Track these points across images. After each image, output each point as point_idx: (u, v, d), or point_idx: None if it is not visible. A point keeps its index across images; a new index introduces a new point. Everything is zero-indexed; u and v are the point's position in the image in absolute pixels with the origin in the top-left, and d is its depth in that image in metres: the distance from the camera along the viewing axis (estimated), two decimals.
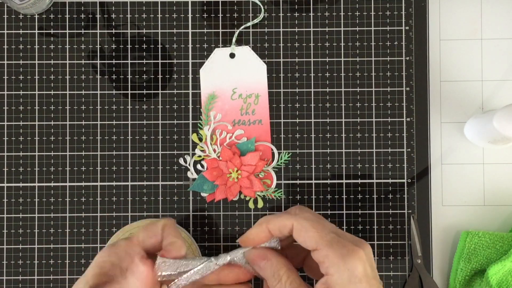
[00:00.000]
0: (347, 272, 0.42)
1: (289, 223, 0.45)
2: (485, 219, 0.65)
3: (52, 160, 0.65)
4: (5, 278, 0.64)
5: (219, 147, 0.64)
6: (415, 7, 0.66)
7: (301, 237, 0.45)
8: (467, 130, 0.65)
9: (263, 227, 0.46)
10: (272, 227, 0.46)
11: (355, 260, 0.43)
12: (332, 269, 0.43)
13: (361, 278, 0.43)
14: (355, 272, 0.42)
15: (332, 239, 0.44)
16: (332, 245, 0.43)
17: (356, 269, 0.43)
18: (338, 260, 0.43)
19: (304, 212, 0.46)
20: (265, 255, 0.46)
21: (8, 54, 0.66)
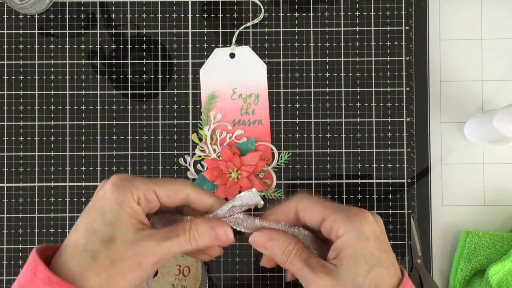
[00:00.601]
0: (354, 231, 0.43)
1: (292, 207, 0.46)
2: (485, 219, 0.65)
3: (52, 160, 0.65)
4: (5, 278, 0.64)
5: (219, 147, 0.64)
6: (415, 7, 0.66)
7: (307, 214, 0.45)
8: (467, 130, 0.65)
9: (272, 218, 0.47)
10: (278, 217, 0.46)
11: (362, 220, 0.43)
12: (340, 230, 0.43)
13: (369, 237, 0.43)
14: (362, 230, 0.43)
15: (336, 206, 0.45)
16: (337, 210, 0.44)
17: (363, 227, 0.43)
18: (345, 222, 0.43)
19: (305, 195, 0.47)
20: (270, 235, 0.46)
21: (8, 54, 0.66)
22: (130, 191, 0.43)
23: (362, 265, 0.42)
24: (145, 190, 0.44)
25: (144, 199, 0.44)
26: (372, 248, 0.43)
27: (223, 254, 0.64)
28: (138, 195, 0.43)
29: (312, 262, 0.44)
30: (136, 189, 0.43)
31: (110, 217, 0.42)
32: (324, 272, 0.43)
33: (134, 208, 0.43)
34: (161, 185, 0.44)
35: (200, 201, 0.46)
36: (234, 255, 0.65)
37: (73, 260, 0.42)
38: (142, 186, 0.44)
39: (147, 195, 0.44)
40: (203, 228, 0.45)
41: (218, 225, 0.45)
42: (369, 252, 0.43)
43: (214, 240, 0.45)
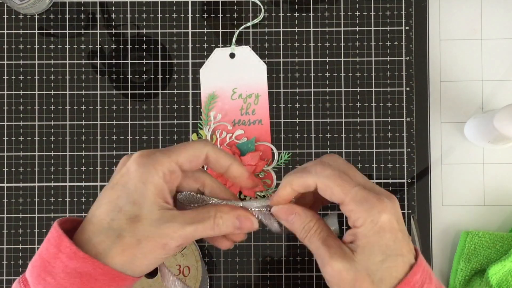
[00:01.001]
0: (371, 224, 0.43)
1: (312, 182, 0.45)
2: (485, 219, 0.65)
3: (52, 160, 0.65)
4: (5, 278, 0.64)
5: (219, 147, 0.64)
6: (415, 7, 0.66)
7: (326, 195, 0.45)
8: (467, 130, 0.65)
9: (287, 189, 0.46)
10: (297, 187, 0.46)
11: (380, 212, 0.43)
12: (358, 222, 0.43)
13: (385, 228, 0.43)
14: (380, 223, 0.43)
15: (356, 194, 0.44)
16: (356, 200, 0.44)
17: (380, 220, 0.43)
18: (363, 213, 0.43)
19: (326, 168, 0.46)
20: (293, 210, 0.46)
21: (8, 54, 0.66)
22: (154, 168, 0.43)
23: (377, 255, 0.43)
24: (169, 163, 0.43)
25: (169, 173, 0.43)
26: (388, 239, 0.43)
27: (223, 254, 0.64)
28: (162, 170, 0.43)
29: (330, 243, 0.44)
30: (160, 165, 0.43)
31: (135, 195, 0.42)
32: (340, 255, 0.43)
33: (159, 186, 0.43)
34: (182, 153, 0.44)
35: (218, 162, 0.46)
36: (234, 255, 0.65)
37: (98, 237, 0.42)
38: (166, 161, 0.43)
39: (171, 168, 0.43)
40: (228, 216, 0.45)
41: (243, 215, 0.46)
42: (385, 243, 0.43)
43: (237, 229, 0.45)
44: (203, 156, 0.45)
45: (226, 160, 0.46)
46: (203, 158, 0.45)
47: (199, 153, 0.45)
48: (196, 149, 0.45)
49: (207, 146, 0.45)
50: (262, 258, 0.65)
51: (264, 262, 0.65)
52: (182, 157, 0.44)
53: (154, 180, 0.43)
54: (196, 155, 0.45)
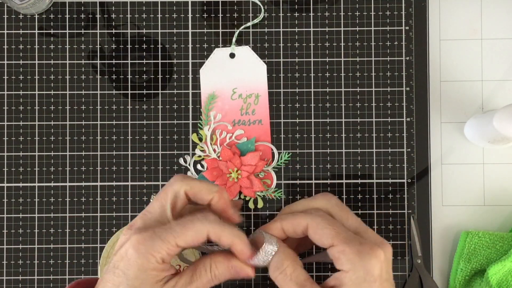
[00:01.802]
0: (362, 270, 0.42)
1: (303, 222, 0.45)
2: (485, 219, 0.65)
3: (52, 160, 0.65)
4: (5, 278, 0.64)
5: (219, 147, 0.64)
6: (415, 7, 0.66)
7: (316, 235, 0.44)
8: (467, 130, 0.65)
9: (277, 225, 0.46)
10: (286, 226, 0.46)
11: (372, 259, 0.42)
12: (348, 265, 0.42)
13: (376, 278, 0.42)
14: (371, 271, 0.42)
15: (349, 236, 0.43)
16: (350, 242, 0.43)
17: (372, 268, 0.42)
18: (355, 257, 0.42)
19: (318, 210, 0.45)
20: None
21: (8, 54, 0.66)
22: (152, 256, 0.43)
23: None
24: (167, 249, 0.43)
25: (168, 256, 0.44)
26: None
27: None
28: (161, 257, 0.43)
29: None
30: (158, 252, 0.43)
31: (135, 283, 0.43)
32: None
33: (158, 269, 0.43)
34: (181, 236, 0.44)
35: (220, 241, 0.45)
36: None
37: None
38: (164, 247, 0.43)
39: (170, 252, 0.44)
40: (223, 267, 0.45)
41: (238, 265, 0.46)
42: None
43: (235, 275, 0.46)
44: (203, 238, 0.45)
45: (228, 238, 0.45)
46: (203, 239, 0.45)
47: (199, 236, 0.44)
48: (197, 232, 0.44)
49: (207, 226, 0.44)
50: None
51: None
52: (181, 241, 0.44)
53: (153, 266, 0.43)
54: (196, 239, 0.44)
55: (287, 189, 0.65)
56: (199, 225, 0.44)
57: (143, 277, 0.43)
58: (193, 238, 0.44)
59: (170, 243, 0.43)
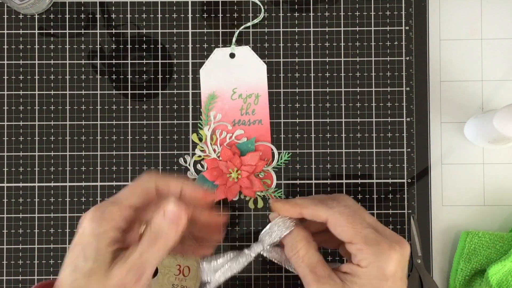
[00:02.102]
0: (377, 269, 0.43)
1: (323, 216, 0.45)
2: (485, 219, 0.65)
3: (52, 160, 0.65)
4: (5, 278, 0.64)
5: (219, 147, 0.64)
6: (415, 7, 0.66)
7: (336, 231, 0.45)
8: (467, 130, 0.65)
9: (297, 210, 0.46)
10: (306, 213, 0.46)
11: (389, 259, 0.43)
12: (364, 262, 0.43)
13: (388, 277, 0.43)
14: (385, 271, 0.43)
15: (367, 235, 0.44)
16: (367, 241, 0.43)
17: (387, 267, 0.43)
18: (371, 256, 0.43)
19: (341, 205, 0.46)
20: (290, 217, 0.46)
21: (8, 54, 0.66)
22: (105, 219, 0.43)
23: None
24: (119, 211, 0.43)
25: (123, 221, 0.43)
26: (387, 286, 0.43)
27: None
28: (114, 219, 0.43)
29: (319, 270, 0.44)
30: (109, 214, 0.43)
31: (89, 251, 0.42)
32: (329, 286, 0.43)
33: (112, 235, 0.43)
34: (129, 195, 0.44)
35: (169, 190, 0.45)
36: None
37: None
38: (115, 209, 0.43)
39: (123, 214, 0.43)
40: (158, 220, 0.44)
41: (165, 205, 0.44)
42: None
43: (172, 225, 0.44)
44: (152, 190, 0.45)
45: (176, 184, 0.45)
46: (153, 192, 0.45)
47: (146, 189, 0.45)
48: (143, 186, 0.45)
49: (152, 178, 0.45)
50: (262, 258, 0.65)
51: (264, 262, 0.65)
52: (131, 200, 0.44)
53: (106, 232, 0.43)
54: (144, 192, 0.44)
55: (287, 189, 0.65)
56: (147, 179, 0.45)
57: (95, 243, 0.42)
58: (141, 193, 0.44)
59: (121, 204, 0.44)
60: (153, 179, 0.45)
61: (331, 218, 0.45)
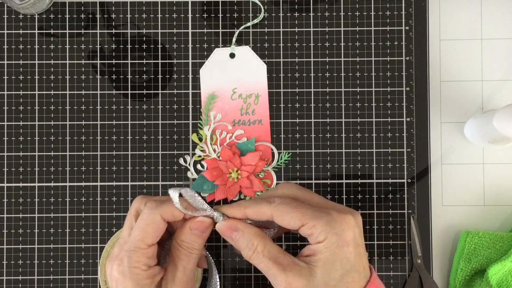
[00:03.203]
0: (335, 236, 0.43)
1: (267, 211, 0.45)
2: (485, 219, 0.65)
3: (52, 160, 0.65)
4: (5, 278, 0.64)
5: (219, 147, 0.64)
6: (415, 7, 0.66)
7: (284, 222, 0.45)
8: (467, 130, 0.65)
9: (241, 210, 0.47)
10: (250, 213, 0.46)
11: (343, 225, 0.43)
12: (321, 236, 0.43)
13: (349, 242, 0.43)
14: (343, 236, 0.43)
15: (315, 211, 0.44)
16: (317, 216, 0.44)
17: (343, 233, 0.43)
18: (325, 226, 0.43)
19: (282, 196, 0.46)
20: (235, 226, 0.46)
21: (8, 54, 0.66)
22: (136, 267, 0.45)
23: (338, 269, 0.43)
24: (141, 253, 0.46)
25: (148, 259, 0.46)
26: (349, 253, 0.43)
27: (223, 254, 0.64)
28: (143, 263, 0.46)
29: (282, 260, 0.44)
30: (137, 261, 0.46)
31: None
32: (296, 272, 0.43)
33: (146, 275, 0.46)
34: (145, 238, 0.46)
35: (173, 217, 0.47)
36: (234, 255, 0.65)
37: None
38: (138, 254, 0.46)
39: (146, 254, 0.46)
40: (187, 235, 0.47)
41: (191, 222, 0.48)
42: (346, 257, 0.43)
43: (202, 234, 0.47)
44: (161, 223, 0.47)
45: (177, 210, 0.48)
46: (163, 223, 0.47)
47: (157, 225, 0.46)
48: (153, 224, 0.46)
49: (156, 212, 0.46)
50: None
51: None
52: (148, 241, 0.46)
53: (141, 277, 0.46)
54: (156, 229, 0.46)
55: None
56: (152, 215, 0.46)
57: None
58: (153, 231, 0.46)
59: (140, 247, 0.45)
60: (157, 212, 0.47)
61: (275, 211, 0.45)
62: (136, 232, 0.46)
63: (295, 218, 0.44)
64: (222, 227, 0.47)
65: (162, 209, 0.47)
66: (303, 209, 0.44)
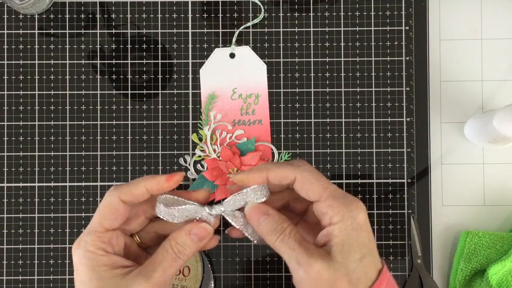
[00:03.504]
0: (350, 219, 0.43)
1: (291, 175, 0.45)
2: (485, 219, 0.65)
3: (52, 160, 0.65)
4: (5, 278, 0.64)
5: (219, 147, 0.64)
6: (415, 7, 0.66)
7: (304, 189, 0.45)
8: (467, 130, 0.65)
9: (263, 174, 0.46)
10: (273, 176, 0.45)
11: (358, 209, 0.43)
12: (336, 217, 0.43)
13: (363, 226, 0.43)
14: (358, 220, 0.43)
15: (335, 190, 0.44)
16: (335, 195, 0.44)
17: (359, 216, 0.43)
18: (342, 208, 0.43)
19: (306, 165, 0.46)
20: (266, 211, 0.46)
21: (8, 54, 0.66)
22: (89, 258, 0.44)
23: (356, 252, 0.43)
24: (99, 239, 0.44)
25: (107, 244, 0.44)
26: (364, 237, 0.43)
27: (223, 254, 0.64)
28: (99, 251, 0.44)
29: (306, 245, 0.44)
30: (90, 244, 0.44)
31: (94, 285, 0.43)
32: (318, 255, 0.43)
33: (105, 261, 0.44)
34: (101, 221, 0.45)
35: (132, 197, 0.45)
36: (234, 255, 0.65)
37: None
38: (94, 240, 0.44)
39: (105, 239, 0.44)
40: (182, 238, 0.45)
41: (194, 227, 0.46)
42: (362, 241, 0.43)
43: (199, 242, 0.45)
44: (118, 204, 0.45)
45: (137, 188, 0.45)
46: (121, 205, 0.45)
47: (112, 207, 0.45)
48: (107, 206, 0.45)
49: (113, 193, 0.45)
50: (262, 258, 0.65)
51: (264, 262, 0.65)
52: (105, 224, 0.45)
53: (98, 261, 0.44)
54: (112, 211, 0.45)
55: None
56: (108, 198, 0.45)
57: (94, 276, 0.43)
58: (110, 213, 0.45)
59: (96, 230, 0.44)
60: (115, 193, 0.45)
61: (300, 176, 0.44)
62: (95, 215, 0.45)
63: (316, 191, 0.44)
64: (253, 210, 0.46)
65: (120, 190, 0.45)
66: (325, 183, 0.44)
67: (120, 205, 0.45)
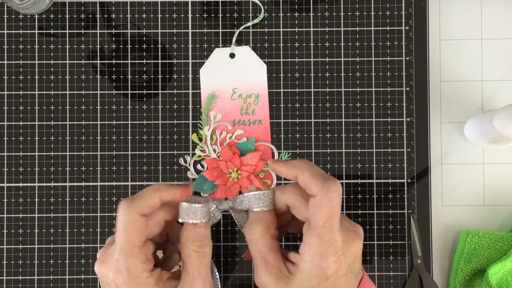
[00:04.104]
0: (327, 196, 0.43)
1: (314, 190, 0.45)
2: (485, 219, 0.65)
3: (52, 160, 0.65)
4: (5, 278, 0.64)
5: (219, 147, 0.64)
6: (415, 7, 0.66)
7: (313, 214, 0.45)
8: (467, 130, 0.65)
9: (293, 173, 0.46)
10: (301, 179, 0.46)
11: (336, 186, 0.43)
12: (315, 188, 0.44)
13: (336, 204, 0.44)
14: (333, 197, 0.43)
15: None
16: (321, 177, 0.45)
17: (333, 193, 0.43)
18: (321, 182, 0.44)
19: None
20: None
21: (8, 54, 0.66)
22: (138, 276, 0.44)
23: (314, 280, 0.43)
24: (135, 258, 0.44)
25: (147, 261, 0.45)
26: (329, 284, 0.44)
27: (223, 254, 0.64)
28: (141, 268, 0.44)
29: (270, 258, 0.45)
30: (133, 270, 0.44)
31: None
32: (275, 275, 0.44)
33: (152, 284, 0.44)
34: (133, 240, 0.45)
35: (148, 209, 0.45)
36: (234, 255, 0.65)
37: None
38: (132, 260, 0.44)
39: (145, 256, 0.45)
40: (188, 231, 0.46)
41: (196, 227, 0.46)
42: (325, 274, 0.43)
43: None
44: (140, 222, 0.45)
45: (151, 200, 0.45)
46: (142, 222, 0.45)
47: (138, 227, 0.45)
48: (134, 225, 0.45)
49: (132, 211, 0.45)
50: None
51: None
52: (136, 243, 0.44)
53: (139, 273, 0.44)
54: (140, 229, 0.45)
55: None
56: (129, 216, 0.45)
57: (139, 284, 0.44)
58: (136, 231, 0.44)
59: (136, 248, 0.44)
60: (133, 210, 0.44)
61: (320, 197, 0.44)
62: (121, 237, 0.44)
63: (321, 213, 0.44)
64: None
65: (135, 206, 0.44)
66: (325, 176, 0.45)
67: (142, 219, 0.45)
